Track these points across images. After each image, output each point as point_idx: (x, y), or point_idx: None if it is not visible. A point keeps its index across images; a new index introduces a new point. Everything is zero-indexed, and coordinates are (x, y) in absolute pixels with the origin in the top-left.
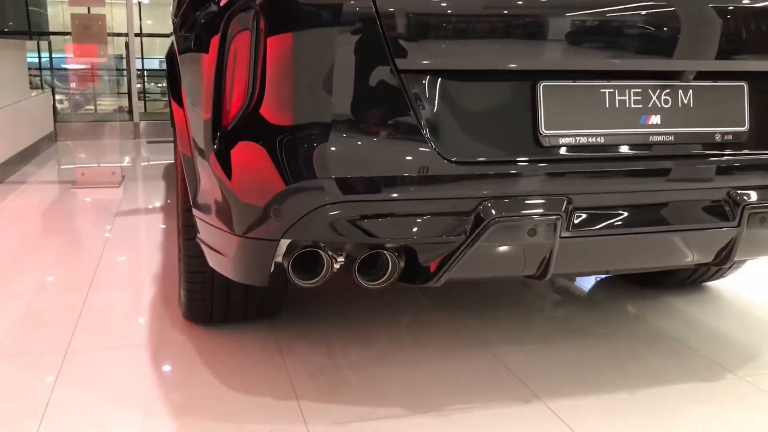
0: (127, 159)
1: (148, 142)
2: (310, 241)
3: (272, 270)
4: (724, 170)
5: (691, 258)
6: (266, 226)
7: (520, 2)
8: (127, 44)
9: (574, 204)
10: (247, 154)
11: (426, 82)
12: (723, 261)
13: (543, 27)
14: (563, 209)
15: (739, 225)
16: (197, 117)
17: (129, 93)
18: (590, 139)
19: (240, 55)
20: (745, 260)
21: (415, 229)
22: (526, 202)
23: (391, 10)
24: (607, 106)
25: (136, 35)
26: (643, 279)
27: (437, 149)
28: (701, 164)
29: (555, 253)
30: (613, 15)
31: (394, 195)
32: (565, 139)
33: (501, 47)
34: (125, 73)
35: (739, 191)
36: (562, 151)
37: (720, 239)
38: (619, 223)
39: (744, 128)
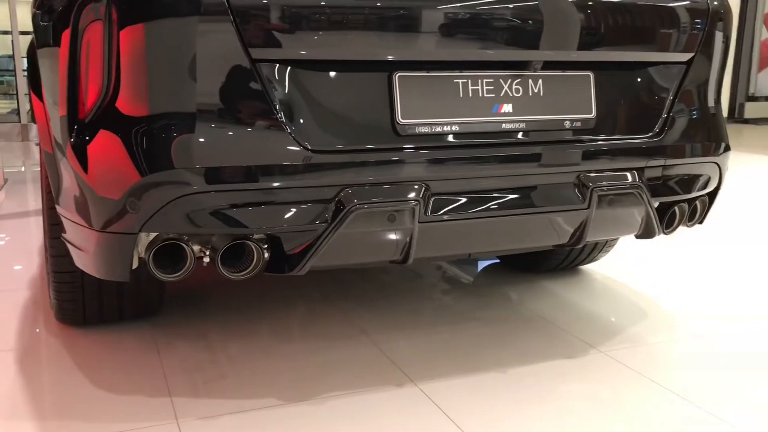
0: (14, 162)
1: (37, 145)
2: (172, 234)
3: (136, 265)
4: (574, 155)
5: (546, 240)
6: (124, 220)
7: None
8: (12, 42)
9: (432, 190)
10: (103, 146)
11: (282, 72)
12: (577, 242)
13: (397, 19)
14: (421, 195)
15: (589, 207)
16: (56, 112)
17: (16, 93)
18: (446, 128)
19: (93, 47)
20: (609, 242)
21: (276, 218)
22: (385, 189)
23: (243, 0)
24: (461, 95)
25: (22, 33)
26: (522, 264)
27: (296, 138)
28: (552, 150)
29: (415, 238)
30: (465, 8)
31: (254, 184)
32: (422, 127)
33: (356, 38)
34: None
35: (588, 174)
36: (419, 139)
37: (573, 221)
38: (476, 207)
39: (591, 115)
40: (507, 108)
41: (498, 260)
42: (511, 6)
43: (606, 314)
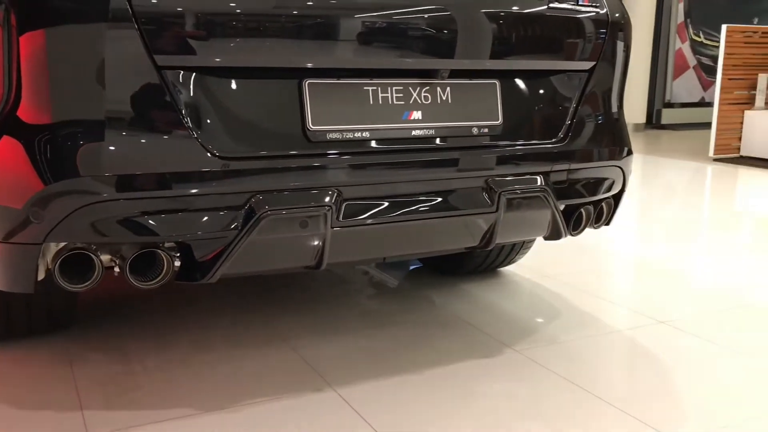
0: None
1: None
2: (79, 244)
3: (42, 276)
4: (482, 160)
5: (457, 242)
6: (27, 230)
7: (284, 2)
8: None
9: (344, 195)
10: (4, 155)
11: (188, 78)
12: (487, 244)
13: (306, 26)
14: (333, 201)
15: (497, 210)
16: None
17: None
18: (357, 134)
19: None
20: (525, 243)
21: (186, 226)
22: (297, 195)
23: (147, 6)
24: (372, 102)
25: None
26: (444, 268)
27: (204, 145)
28: (461, 155)
29: (328, 244)
30: (373, 17)
31: (162, 192)
32: (333, 134)
33: (264, 46)
34: None
35: (495, 179)
36: (330, 145)
37: (482, 224)
38: (389, 212)
39: (498, 122)
40: (416, 115)
41: (421, 264)
42: (418, 16)
43: (522, 314)
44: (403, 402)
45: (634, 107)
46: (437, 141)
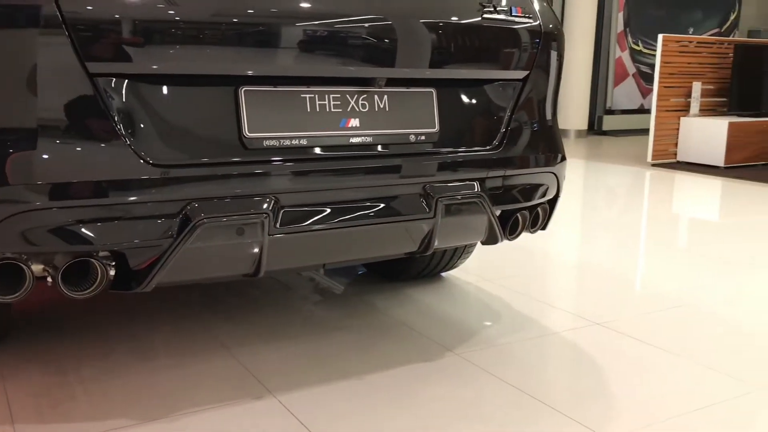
0: None
1: None
2: (9, 253)
3: None
4: (419, 167)
5: (396, 248)
6: None
7: (218, 9)
8: None
9: (282, 202)
10: None
11: (121, 86)
12: (425, 249)
13: (243, 34)
14: (270, 208)
15: (435, 216)
16: None
17: None
18: (294, 141)
19: None
20: (467, 248)
21: (120, 234)
22: (233, 202)
23: (78, 13)
24: (309, 110)
25: None
26: (388, 273)
27: (138, 153)
28: (399, 162)
29: (266, 251)
30: (311, 25)
31: (95, 200)
32: (270, 141)
33: (199, 53)
34: None
35: (433, 185)
36: (267, 152)
37: (420, 230)
38: (327, 218)
39: (435, 129)
40: (354, 122)
41: (365, 270)
42: (355, 25)
43: (463, 318)
44: (344, 407)
45: (577, 114)
46: (375, 148)
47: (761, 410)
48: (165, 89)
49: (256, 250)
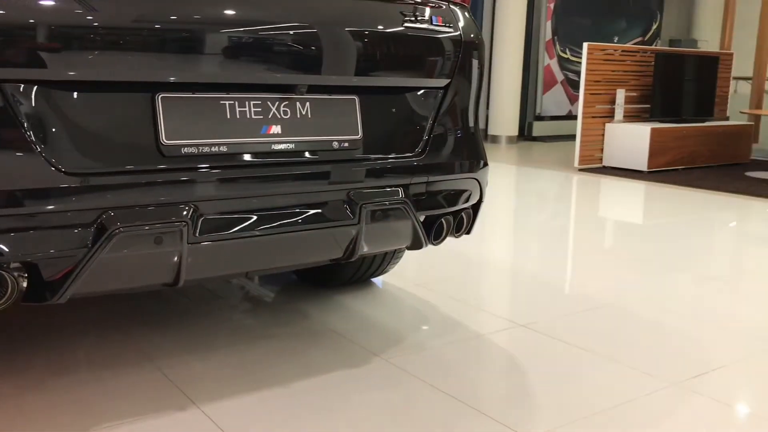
0: None
1: None
2: None
3: None
4: (343, 174)
5: (321, 255)
6: None
7: (134, 15)
8: None
9: (201, 211)
10: None
11: (31, 92)
12: (350, 255)
13: (159, 40)
14: (189, 216)
15: (359, 222)
16: None
17: None
18: (213, 148)
19: None
20: (396, 253)
21: (32, 245)
22: (151, 210)
23: None
24: (229, 116)
25: None
26: (318, 280)
27: (50, 161)
28: (321, 169)
29: (185, 260)
30: (230, 32)
31: (5, 210)
32: (188, 148)
33: (111, 59)
34: None
35: (357, 192)
36: (185, 160)
37: (345, 236)
38: (249, 226)
39: (358, 136)
40: (276, 129)
41: (296, 277)
42: (276, 31)
43: (391, 323)
44: (270, 416)
45: (508, 120)
46: (297, 155)
47: (675, 405)
48: (78, 96)
49: (175, 259)
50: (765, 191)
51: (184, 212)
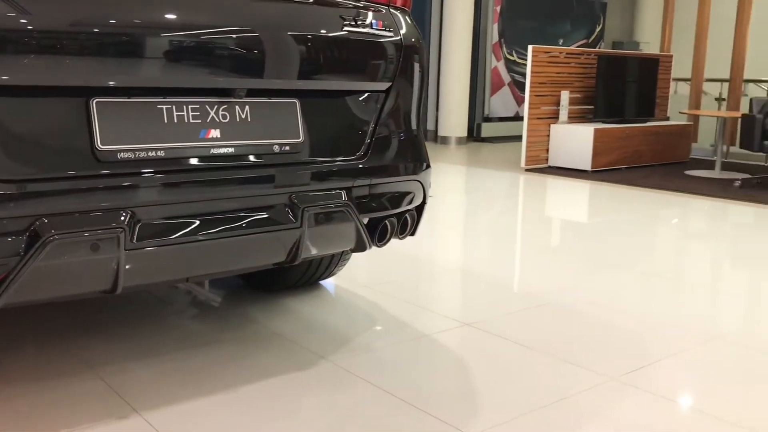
0: None
1: None
2: None
3: None
4: (284, 177)
5: (263, 259)
6: None
7: (67, 19)
8: None
9: (139, 216)
10: None
11: None
12: (293, 259)
13: (93, 44)
14: (126, 222)
15: (301, 226)
16: None
17: None
18: (151, 153)
19: None
20: (344, 255)
21: None
22: (87, 217)
23: None
24: (166, 121)
25: None
26: (265, 283)
27: None
28: (263, 173)
29: (123, 266)
30: (166, 35)
31: None
32: (124, 153)
33: (46, 63)
34: None
35: (299, 195)
36: (122, 165)
37: (287, 240)
38: (188, 232)
39: (299, 140)
40: (215, 133)
41: (242, 281)
42: (213, 35)
43: (338, 325)
44: (216, 422)
45: (457, 122)
46: (237, 159)
47: (613, 399)
48: (10, 101)
49: (112, 266)
50: (703, 189)
51: (121, 218)
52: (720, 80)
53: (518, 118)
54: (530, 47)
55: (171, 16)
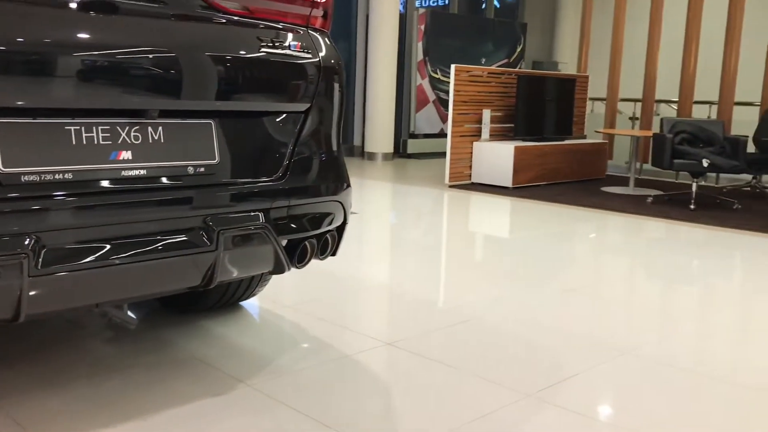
0: None
1: None
2: None
3: None
4: (199, 199)
5: (177, 284)
6: None
7: None
8: None
9: (44, 241)
10: None
11: None
12: (208, 283)
13: None
14: (30, 247)
15: (216, 249)
16: None
17: None
18: (57, 176)
19: None
20: (264, 276)
21: None
22: None
23: None
24: (74, 142)
25: None
26: (183, 305)
27: None
28: (176, 195)
29: (26, 294)
30: (75, 55)
31: None
32: (29, 176)
33: None
34: None
35: (214, 217)
36: (26, 188)
37: (202, 263)
38: (97, 256)
39: (215, 161)
40: (126, 155)
41: (159, 302)
42: (125, 54)
43: (257, 347)
44: None
45: (383, 138)
46: (149, 181)
47: (529, 416)
48: None
49: (15, 293)
50: (618, 206)
51: (25, 243)
52: (633, 100)
53: (443, 134)
54: (453, 66)
55: (80, 35)
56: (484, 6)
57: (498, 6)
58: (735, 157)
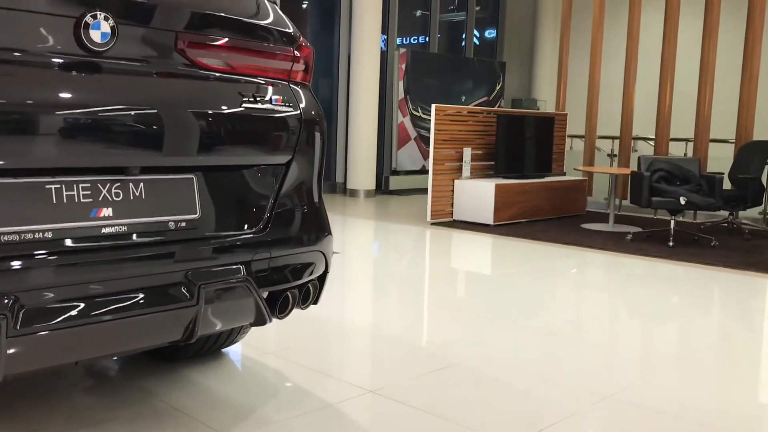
0: None
1: None
2: None
3: None
4: (180, 254)
5: (158, 339)
6: None
7: None
8: None
9: (23, 301)
10: None
11: None
12: (189, 337)
13: None
14: (9, 308)
15: (197, 303)
16: None
17: None
18: (37, 235)
19: None
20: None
21: None
22: None
23: None
24: (55, 201)
25: None
26: (164, 354)
27: None
28: (157, 251)
29: (4, 354)
30: (58, 114)
31: None
32: (8, 236)
33: None
34: None
35: (195, 272)
36: (5, 248)
37: (182, 318)
38: (77, 315)
39: (196, 215)
40: (107, 212)
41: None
42: (106, 113)
43: (238, 397)
44: None
45: (365, 175)
46: (130, 237)
47: None
48: None
49: None
50: (598, 243)
51: (4, 302)
52: (611, 137)
53: (424, 171)
54: (433, 106)
55: (62, 95)
56: (463, 45)
57: (477, 44)
58: (711, 195)
